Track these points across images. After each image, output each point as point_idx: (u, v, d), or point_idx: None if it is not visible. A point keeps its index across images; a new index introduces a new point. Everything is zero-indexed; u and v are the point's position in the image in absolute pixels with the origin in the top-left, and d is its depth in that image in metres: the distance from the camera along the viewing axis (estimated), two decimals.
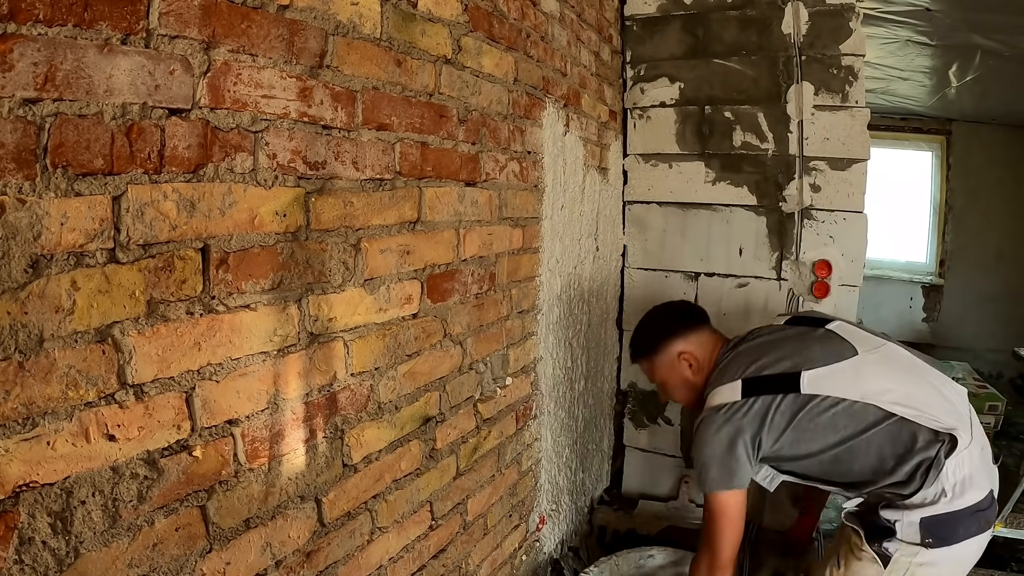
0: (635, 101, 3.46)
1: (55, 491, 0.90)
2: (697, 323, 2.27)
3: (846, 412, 1.86)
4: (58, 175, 0.87)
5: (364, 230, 1.50)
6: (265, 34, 1.19)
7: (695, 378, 2.20)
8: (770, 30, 3.18)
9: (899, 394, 1.87)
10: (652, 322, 2.34)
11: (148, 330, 1.02)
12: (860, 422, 1.85)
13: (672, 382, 2.25)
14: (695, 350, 2.19)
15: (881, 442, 1.84)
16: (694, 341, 2.21)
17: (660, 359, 2.24)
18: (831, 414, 1.87)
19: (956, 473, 1.81)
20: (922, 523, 1.82)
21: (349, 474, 1.52)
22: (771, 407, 1.90)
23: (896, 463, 1.83)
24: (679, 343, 2.20)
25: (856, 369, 1.92)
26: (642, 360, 2.32)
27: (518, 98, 2.19)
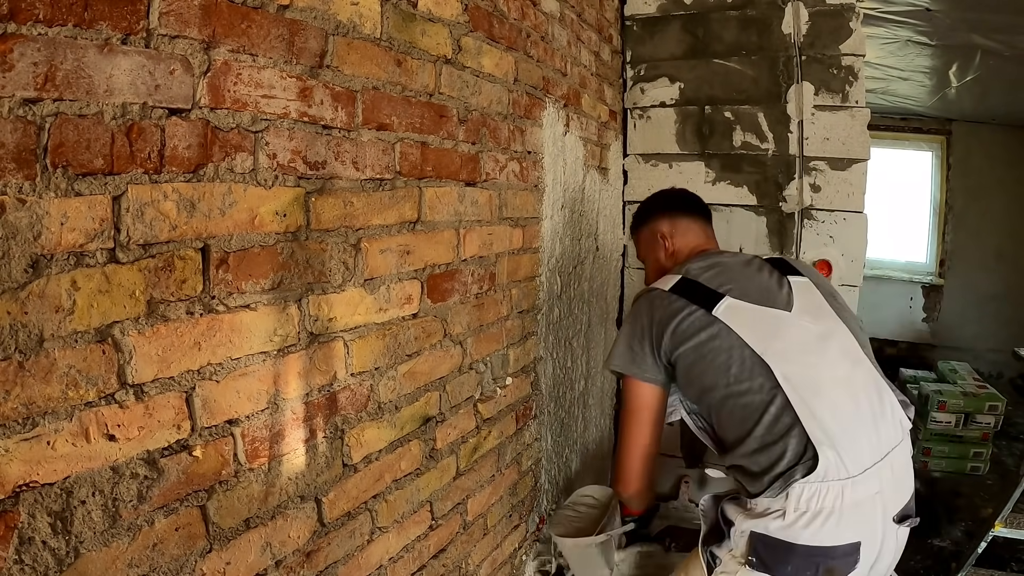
0: (635, 101, 3.46)
1: (55, 491, 0.90)
2: (690, 212, 2.20)
3: (739, 357, 1.70)
4: (58, 175, 0.87)
5: (364, 230, 1.50)
6: (265, 34, 1.19)
7: (666, 262, 2.13)
8: (770, 30, 3.18)
9: (801, 377, 1.65)
10: (650, 199, 2.31)
11: (148, 330, 1.02)
12: (745, 378, 1.68)
13: (648, 260, 2.25)
14: (676, 236, 2.15)
15: (753, 413, 1.67)
16: (680, 227, 2.16)
17: (644, 234, 2.24)
18: (727, 353, 1.71)
19: (808, 501, 1.57)
20: (752, 536, 1.64)
21: (349, 474, 1.52)
22: (683, 312, 1.78)
23: (756, 447, 1.65)
24: (664, 223, 2.17)
25: (777, 323, 1.75)
26: (633, 233, 2.33)
27: (518, 98, 2.19)
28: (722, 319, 1.73)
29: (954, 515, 4.10)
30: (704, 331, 1.75)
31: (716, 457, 1.89)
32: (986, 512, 2.89)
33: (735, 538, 1.69)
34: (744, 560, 1.65)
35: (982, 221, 7.52)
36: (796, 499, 1.57)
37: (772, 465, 1.61)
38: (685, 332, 1.77)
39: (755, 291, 1.82)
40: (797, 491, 1.56)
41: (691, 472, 3.51)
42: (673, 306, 1.80)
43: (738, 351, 1.70)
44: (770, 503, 1.61)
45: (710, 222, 2.24)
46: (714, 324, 1.74)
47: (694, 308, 1.77)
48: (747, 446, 1.66)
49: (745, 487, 1.68)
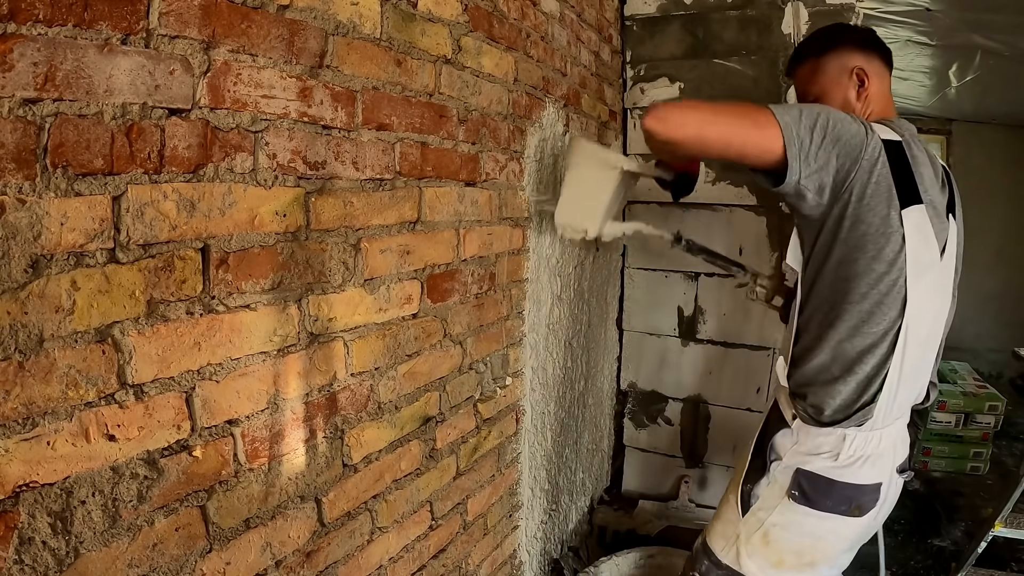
0: (635, 101, 3.46)
1: (55, 491, 0.90)
2: (885, 59, 1.82)
3: (894, 272, 1.55)
4: (58, 175, 0.88)
5: (364, 230, 1.50)
6: (265, 34, 1.19)
7: (856, 105, 1.77)
8: (770, 30, 3.18)
9: (916, 332, 1.60)
10: (834, 27, 1.92)
11: (148, 330, 1.02)
12: (884, 297, 1.57)
13: (831, 100, 1.80)
14: (873, 79, 1.77)
15: (868, 338, 1.59)
16: (876, 71, 1.78)
17: (831, 63, 1.81)
18: (889, 259, 1.54)
19: (860, 447, 1.65)
20: (797, 473, 1.69)
21: (349, 474, 1.52)
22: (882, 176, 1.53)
23: (842, 370, 1.63)
24: (860, 57, 1.78)
25: (931, 263, 1.60)
26: (807, 61, 1.87)
27: (518, 98, 2.19)
28: (904, 221, 1.53)
29: (954, 515, 4.10)
30: (884, 211, 1.54)
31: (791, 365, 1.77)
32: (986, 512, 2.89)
33: (776, 473, 1.73)
34: (788, 492, 1.71)
35: (982, 221, 7.47)
36: (850, 444, 1.65)
37: (858, 396, 1.64)
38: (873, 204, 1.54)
39: (936, 216, 1.62)
40: (852, 436, 1.65)
41: (691, 472, 3.52)
42: (880, 168, 1.54)
43: (897, 268, 1.55)
44: (823, 442, 1.67)
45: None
46: (893, 218, 1.53)
47: (893, 189, 1.54)
48: (849, 367, 1.62)
49: (809, 406, 1.69)
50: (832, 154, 1.52)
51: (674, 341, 3.51)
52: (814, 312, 1.70)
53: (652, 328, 3.56)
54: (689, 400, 3.50)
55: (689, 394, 3.49)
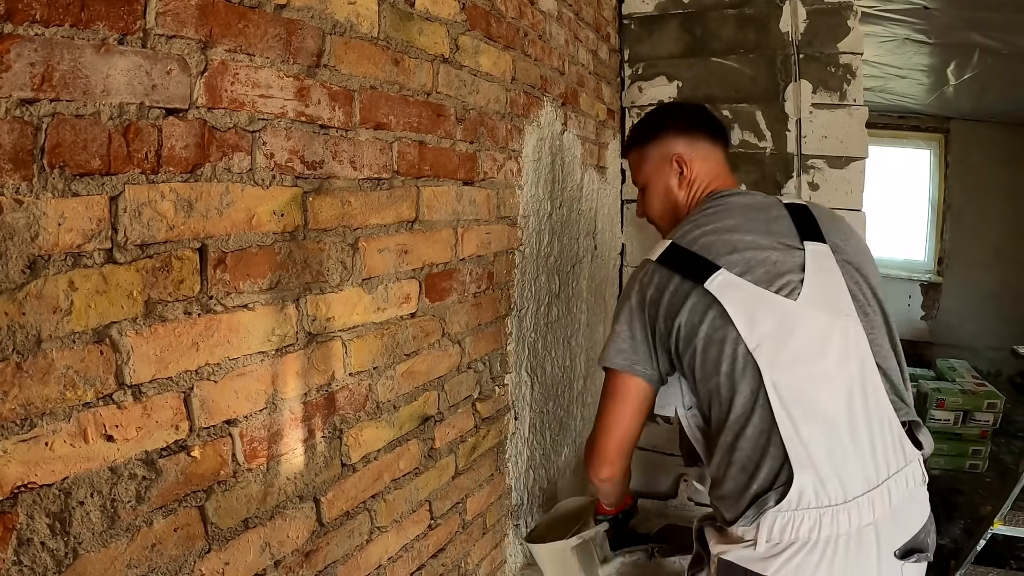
0: (633, 100, 3.46)
1: (53, 492, 0.90)
2: (712, 135, 1.78)
3: (731, 351, 1.42)
4: (55, 175, 0.87)
5: (362, 229, 1.50)
6: (262, 33, 1.19)
7: (678, 193, 1.75)
8: (768, 28, 3.18)
9: (793, 388, 1.39)
10: (660, 111, 1.91)
11: (146, 330, 1.02)
12: (735, 377, 1.42)
13: (654, 188, 1.79)
14: (695, 162, 1.73)
15: (737, 421, 1.44)
16: (700, 152, 1.74)
17: (651, 151, 1.78)
18: (719, 344, 1.44)
19: (781, 531, 1.38)
20: (720, 564, 1.47)
21: (348, 474, 1.52)
22: (671, 286, 1.49)
23: (736, 462, 1.45)
24: (680, 143, 1.74)
25: (776, 314, 1.43)
26: (632, 151, 1.86)
27: (516, 97, 2.19)
28: (714, 293, 1.43)
29: (953, 513, 4.10)
30: (696, 309, 1.46)
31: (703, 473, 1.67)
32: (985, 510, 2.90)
33: (711, 564, 1.52)
34: None
35: (980, 219, 7.54)
36: (768, 528, 1.39)
37: (746, 485, 1.43)
38: (675, 309, 1.48)
39: (760, 263, 1.48)
40: (770, 520, 1.38)
41: (690, 470, 3.51)
42: (663, 280, 1.51)
43: (731, 343, 1.42)
44: (744, 531, 1.44)
45: (728, 147, 1.85)
46: (705, 301, 1.44)
47: (682, 281, 1.48)
48: (728, 458, 1.46)
49: (722, 512, 1.51)
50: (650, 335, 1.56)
51: None
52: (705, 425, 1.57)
53: None
54: None
55: None
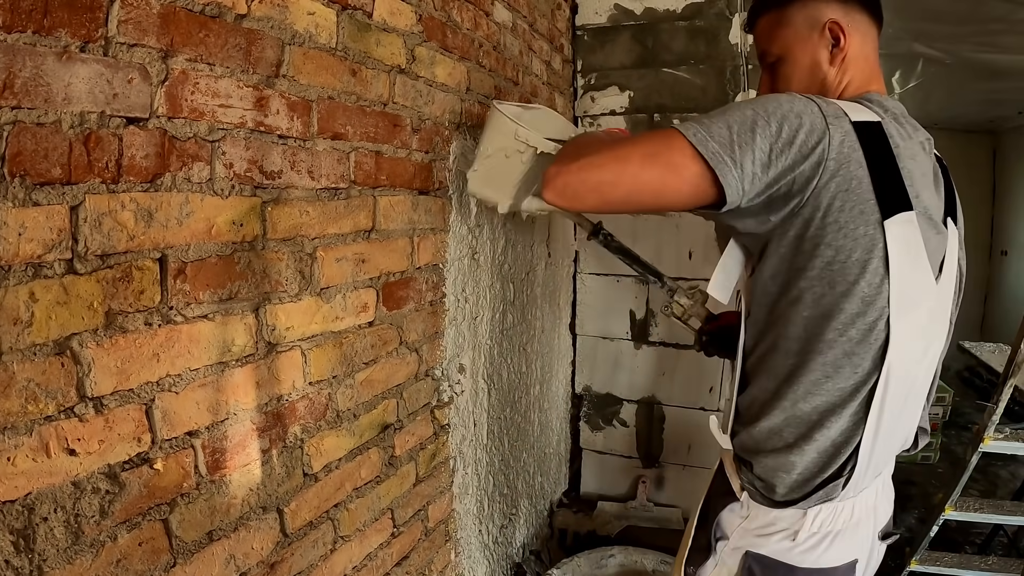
0: (586, 109, 3.50)
1: (16, 508, 0.89)
2: (870, 8, 1.39)
3: (872, 306, 1.18)
4: (16, 184, 0.86)
5: (320, 239, 1.50)
6: (223, 43, 1.19)
7: (828, 71, 1.37)
8: (718, 40, 3.23)
9: (899, 377, 1.23)
10: None
11: (107, 342, 1.01)
12: (857, 340, 1.20)
13: (795, 61, 1.40)
14: (853, 36, 1.36)
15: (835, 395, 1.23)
16: (859, 27, 1.37)
17: (797, 14, 1.39)
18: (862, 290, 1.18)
19: (824, 523, 1.30)
20: (748, 556, 1.37)
21: (310, 483, 1.51)
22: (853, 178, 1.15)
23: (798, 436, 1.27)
24: (837, 8, 1.36)
25: (922, 287, 1.23)
26: (768, 12, 1.44)
27: (470, 107, 2.20)
28: (888, 238, 1.16)
29: (908, 503, 4.18)
30: (865, 237, 1.16)
31: (735, 421, 1.42)
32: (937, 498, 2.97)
33: (723, 555, 1.41)
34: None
35: None
36: (812, 520, 1.30)
37: (821, 468, 1.28)
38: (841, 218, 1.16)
39: (932, 225, 1.25)
40: (815, 511, 1.29)
41: (648, 472, 3.55)
42: (852, 164, 1.15)
43: (877, 310, 1.19)
44: (777, 517, 1.33)
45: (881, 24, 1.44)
46: (877, 237, 1.16)
47: (871, 192, 1.16)
48: (804, 433, 1.26)
49: (773, 484, 1.32)
50: (783, 164, 1.15)
51: (627, 344, 3.54)
52: (763, 358, 1.33)
53: (605, 332, 3.59)
54: (643, 402, 3.53)
55: (643, 396, 3.53)
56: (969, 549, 3.56)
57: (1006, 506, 3.01)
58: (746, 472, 1.39)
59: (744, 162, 1.14)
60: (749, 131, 1.15)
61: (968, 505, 2.94)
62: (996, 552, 3.46)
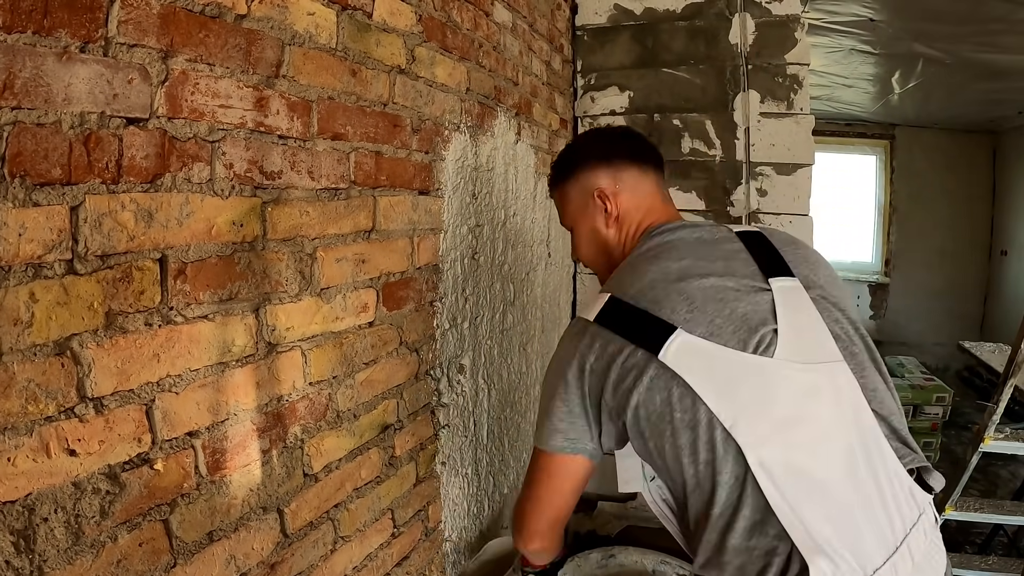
0: (586, 110, 3.50)
1: (17, 508, 0.88)
2: (639, 161, 1.54)
3: (704, 432, 1.18)
4: (16, 185, 0.86)
5: (320, 239, 1.50)
6: (223, 43, 1.19)
7: (607, 233, 1.53)
8: (717, 40, 3.24)
9: (783, 463, 1.15)
10: (577, 141, 1.69)
11: (107, 342, 1.01)
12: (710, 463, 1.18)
13: (580, 230, 1.59)
14: (621, 195, 1.50)
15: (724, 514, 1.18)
16: (627, 183, 1.51)
17: (572, 189, 1.57)
18: (686, 427, 1.19)
19: None
20: None
21: (310, 484, 1.51)
22: (621, 357, 1.24)
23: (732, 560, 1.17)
24: (603, 175, 1.52)
25: (751, 378, 1.20)
26: (555, 191, 1.64)
27: (470, 107, 2.20)
28: (672, 367, 1.19)
29: None
30: (656, 386, 1.21)
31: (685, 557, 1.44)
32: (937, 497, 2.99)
33: None
34: None
35: (925, 221, 7.78)
36: None
37: None
38: (628, 384, 1.23)
39: (727, 318, 1.24)
40: None
41: None
42: (608, 348, 1.26)
43: (705, 428, 1.18)
44: None
45: (662, 173, 1.59)
46: (667, 375, 1.20)
47: (633, 350, 1.24)
48: (718, 559, 1.19)
49: None
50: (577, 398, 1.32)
51: None
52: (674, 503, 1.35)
53: None
54: None
55: None
56: (969, 549, 3.57)
57: (1006, 506, 3.02)
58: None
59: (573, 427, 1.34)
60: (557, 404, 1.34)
61: (968, 505, 2.95)
62: (996, 552, 3.46)
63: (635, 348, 1.23)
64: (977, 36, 4.22)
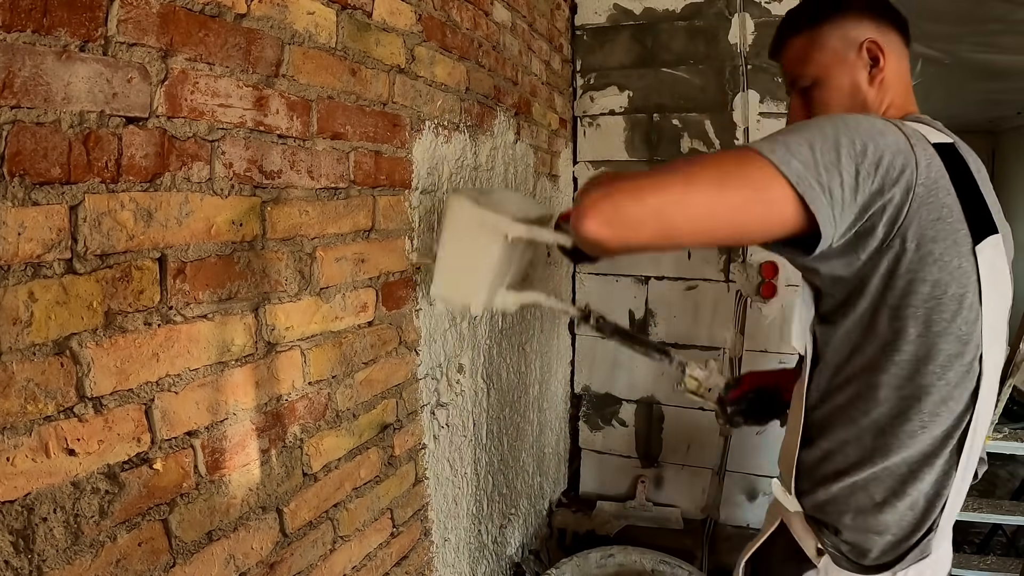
0: (585, 109, 3.50)
1: (16, 508, 0.88)
2: (902, 30, 1.31)
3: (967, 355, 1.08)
4: (15, 184, 0.86)
5: (319, 239, 1.50)
6: (222, 43, 1.19)
7: (868, 93, 1.27)
8: (717, 40, 3.24)
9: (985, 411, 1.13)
10: None
11: (106, 342, 1.01)
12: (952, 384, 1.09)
13: (832, 84, 1.29)
14: (890, 57, 1.26)
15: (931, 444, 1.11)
16: (893, 47, 1.28)
17: (831, 35, 1.29)
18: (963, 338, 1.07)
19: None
20: None
21: (309, 483, 1.51)
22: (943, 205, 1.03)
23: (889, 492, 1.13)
24: (872, 27, 1.27)
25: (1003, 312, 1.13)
26: (798, 34, 1.33)
27: (470, 107, 2.20)
28: (980, 268, 1.06)
29: None
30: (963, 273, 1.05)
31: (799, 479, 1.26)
32: None
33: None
34: None
35: None
36: None
37: (916, 525, 1.15)
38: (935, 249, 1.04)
39: (1005, 241, 1.14)
40: (904, 573, 1.16)
41: (647, 472, 3.55)
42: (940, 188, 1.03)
43: (973, 348, 1.08)
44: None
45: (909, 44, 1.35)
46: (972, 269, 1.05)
47: (960, 216, 1.04)
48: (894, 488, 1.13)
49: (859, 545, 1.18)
50: (871, 188, 0.99)
51: None
52: (841, 409, 1.18)
53: None
54: (643, 402, 3.53)
55: (642, 396, 3.53)
56: (968, 548, 3.57)
57: (1004, 506, 3.02)
58: (829, 536, 1.21)
59: (832, 186, 0.97)
60: (832, 150, 0.98)
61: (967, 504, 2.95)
62: (995, 551, 3.46)
63: (961, 217, 1.04)
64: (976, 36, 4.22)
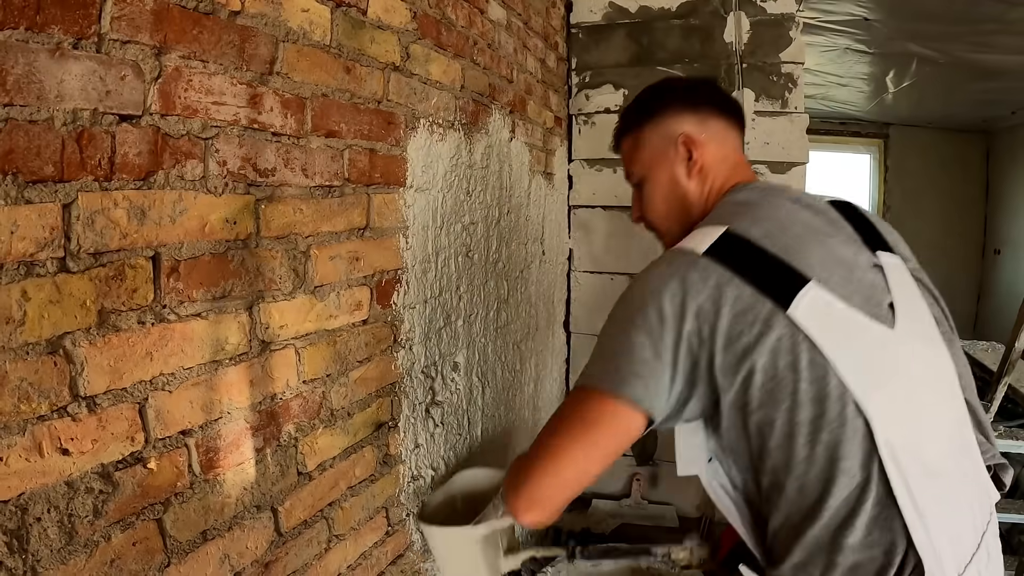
0: (580, 107, 3.50)
1: (10, 508, 0.88)
2: (726, 113, 1.41)
3: (833, 406, 1.05)
4: (8, 182, 0.86)
5: (314, 237, 1.49)
6: (216, 40, 1.18)
7: (688, 185, 1.36)
8: (712, 39, 3.24)
9: (909, 448, 1.05)
10: (659, 85, 1.50)
11: (100, 340, 1.01)
12: (832, 445, 1.05)
13: (655, 180, 1.41)
14: (706, 145, 1.35)
15: (841, 509, 1.05)
16: (713, 134, 1.37)
17: (649, 134, 1.41)
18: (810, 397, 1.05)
19: None
20: None
21: (304, 482, 1.51)
22: (738, 302, 1.08)
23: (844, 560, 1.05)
24: (687, 121, 1.37)
25: (880, 347, 1.10)
26: (626, 137, 1.47)
27: (465, 105, 2.20)
28: (803, 326, 1.05)
29: None
30: (783, 347, 1.06)
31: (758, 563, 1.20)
32: None
33: None
34: None
35: (918, 220, 7.79)
36: None
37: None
38: (746, 340, 1.07)
39: (853, 279, 1.14)
40: None
41: (642, 470, 3.55)
42: (724, 290, 1.08)
43: (836, 401, 1.05)
44: None
45: (743, 124, 1.46)
46: (796, 337, 1.06)
47: (755, 296, 1.08)
48: (833, 556, 1.05)
49: None
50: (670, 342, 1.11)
51: None
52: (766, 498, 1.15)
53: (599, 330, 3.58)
54: None
55: None
56: None
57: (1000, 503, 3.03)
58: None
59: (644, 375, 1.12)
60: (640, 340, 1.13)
61: None
62: None
63: (759, 296, 1.07)
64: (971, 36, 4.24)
